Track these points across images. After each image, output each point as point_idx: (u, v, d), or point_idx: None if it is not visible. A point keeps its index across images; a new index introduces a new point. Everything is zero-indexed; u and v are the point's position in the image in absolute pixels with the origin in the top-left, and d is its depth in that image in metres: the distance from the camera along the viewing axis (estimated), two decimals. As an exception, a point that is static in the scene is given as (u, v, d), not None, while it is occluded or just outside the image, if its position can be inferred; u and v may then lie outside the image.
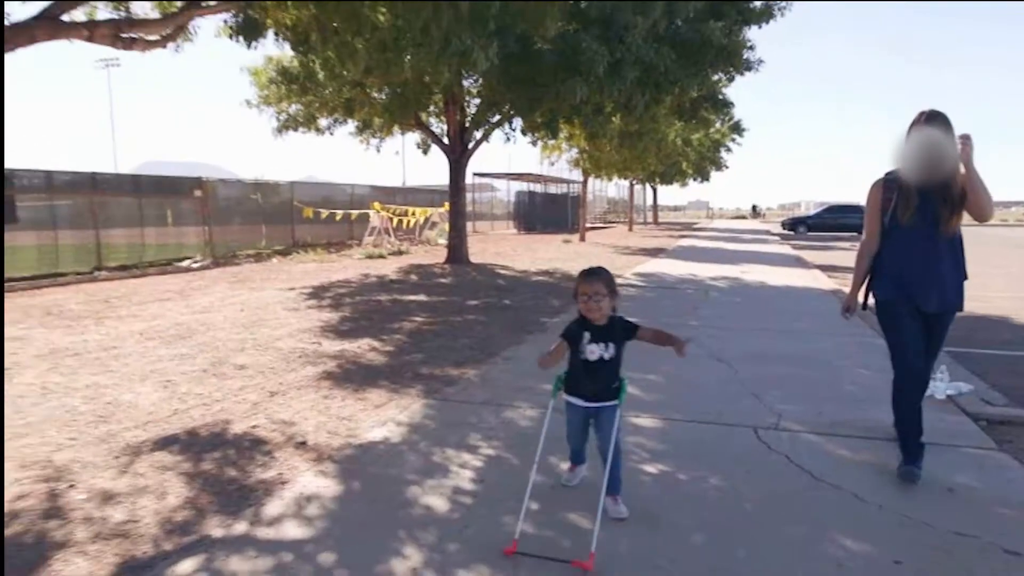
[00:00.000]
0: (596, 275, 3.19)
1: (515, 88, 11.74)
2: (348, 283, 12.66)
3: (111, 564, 2.83)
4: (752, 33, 13.99)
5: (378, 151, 16.60)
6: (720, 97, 16.98)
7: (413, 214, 24.95)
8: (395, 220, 23.32)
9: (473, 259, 17.31)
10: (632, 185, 43.50)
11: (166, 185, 18.17)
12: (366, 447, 4.19)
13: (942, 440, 4.35)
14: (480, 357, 6.57)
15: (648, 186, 52.30)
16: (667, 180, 43.27)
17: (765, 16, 13.31)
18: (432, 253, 20.81)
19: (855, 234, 36.91)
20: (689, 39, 12.05)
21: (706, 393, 5.41)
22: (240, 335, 7.62)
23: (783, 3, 13.37)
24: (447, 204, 29.19)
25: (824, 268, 17.03)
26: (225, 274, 14.82)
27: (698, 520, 3.26)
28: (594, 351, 3.18)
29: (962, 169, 3.56)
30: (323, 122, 15.08)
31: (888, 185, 3.78)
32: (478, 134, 14.97)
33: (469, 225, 29.68)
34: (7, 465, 3.85)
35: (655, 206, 58.30)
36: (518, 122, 14.27)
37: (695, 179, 43.37)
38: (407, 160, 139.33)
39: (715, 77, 13.88)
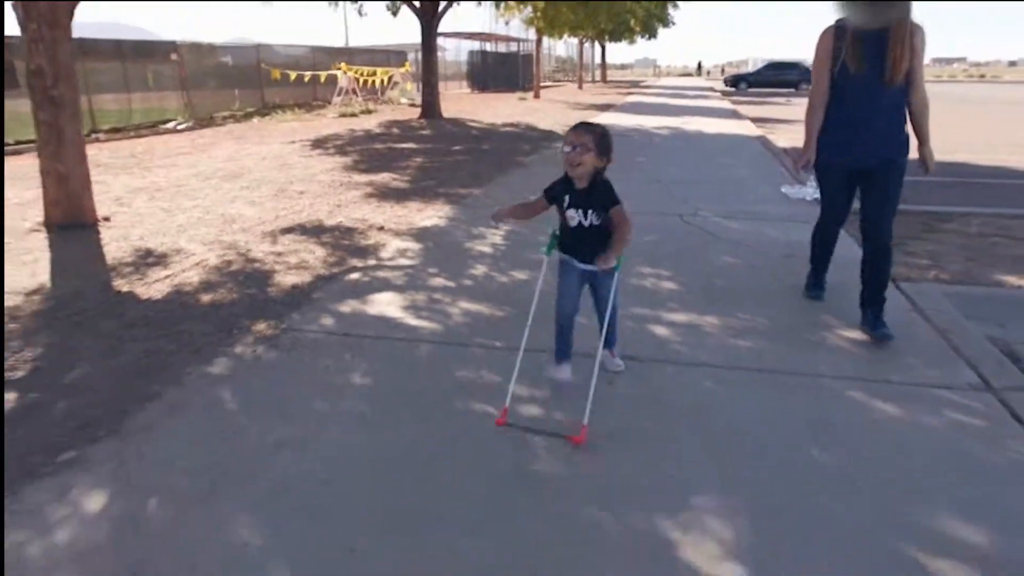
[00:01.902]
0: (587, 127, 2.92)
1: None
2: (340, 136, 14.33)
3: (308, 277, 4.93)
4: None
5: (360, 14, 17.70)
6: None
7: (374, 74, 26.02)
8: (361, 81, 24.39)
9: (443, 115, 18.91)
10: (582, 43, 44.27)
11: (144, 50, 19.00)
12: (424, 228, 6.30)
13: (806, 219, 6.67)
14: (479, 182, 8.63)
15: (597, 44, 52.86)
16: (616, 38, 44.14)
17: None
18: (399, 111, 22.24)
19: (792, 90, 39.01)
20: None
21: (647, 198, 7.61)
22: (280, 174, 9.47)
23: None
24: (407, 65, 30.12)
25: (755, 120, 19.18)
26: (219, 133, 16.22)
27: (642, 252, 5.50)
28: (573, 217, 2.97)
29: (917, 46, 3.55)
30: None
31: (839, 33, 3.68)
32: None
33: (411, 84, 30.79)
34: (191, 245, 5.85)
35: (603, 64, 59.01)
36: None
37: (643, 36, 44.26)
38: (348, 22, 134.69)
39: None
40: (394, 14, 17.77)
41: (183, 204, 7.57)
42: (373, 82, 25.50)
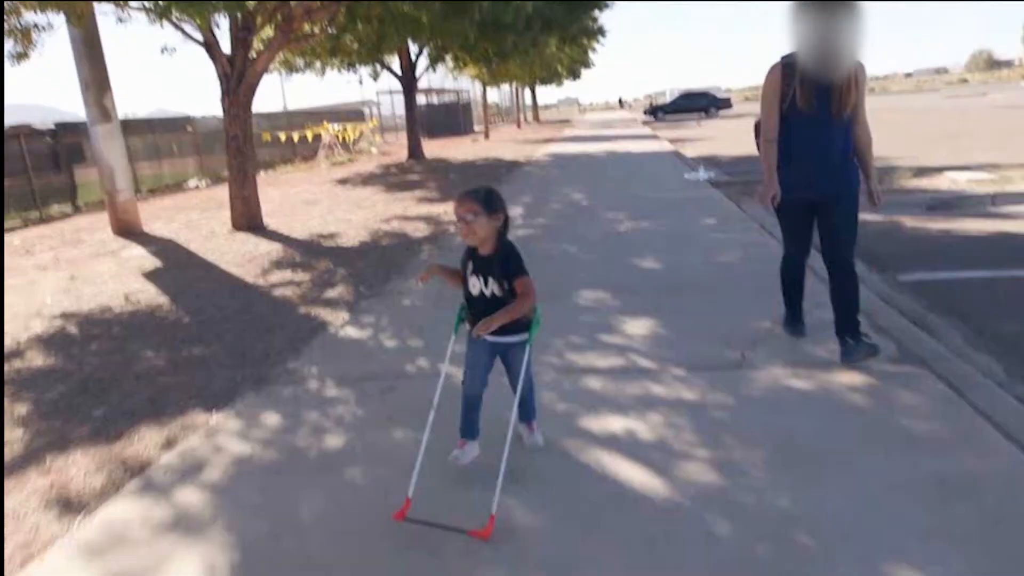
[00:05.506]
0: (470, 194, 2.77)
1: (454, 40, 17.65)
2: (353, 178, 18.37)
3: (428, 232, 9.01)
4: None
5: (360, 83, 22.00)
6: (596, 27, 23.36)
7: (345, 130, 30.20)
8: (339, 136, 28.51)
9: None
10: (515, 89, 49.39)
11: (168, 125, 22.86)
12: (473, 211, 10.46)
13: (694, 189, 11.12)
14: (487, 190, 12.86)
15: (528, 89, 58.27)
16: (546, 82, 49.45)
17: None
18: (375, 158, 26.39)
19: (702, 114, 44.77)
20: None
21: (600, 187, 11.96)
22: (343, 199, 13.48)
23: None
24: (373, 119, 34.39)
25: (671, 140, 23.98)
26: (246, 185, 20.06)
27: (607, 204, 9.75)
28: (475, 284, 2.81)
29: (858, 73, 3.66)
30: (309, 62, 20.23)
31: (787, 71, 3.74)
32: (423, 65, 20.81)
33: (379, 136, 35.15)
34: (341, 229, 9.85)
35: (535, 105, 64.48)
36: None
37: (569, 79, 49.69)
38: (285, 88, 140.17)
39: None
40: (375, 78, 22.05)
41: (301, 217, 11.53)
42: (346, 137, 29.65)
